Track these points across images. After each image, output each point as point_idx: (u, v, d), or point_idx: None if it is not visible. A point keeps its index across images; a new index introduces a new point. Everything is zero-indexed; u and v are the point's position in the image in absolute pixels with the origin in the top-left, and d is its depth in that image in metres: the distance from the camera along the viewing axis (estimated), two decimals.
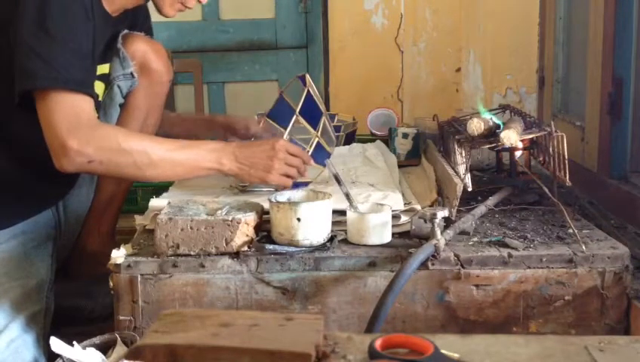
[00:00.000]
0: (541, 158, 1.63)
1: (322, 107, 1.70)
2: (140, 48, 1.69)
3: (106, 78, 1.67)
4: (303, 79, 1.73)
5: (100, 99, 1.66)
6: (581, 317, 1.36)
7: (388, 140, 2.14)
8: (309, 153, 1.62)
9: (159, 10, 1.67)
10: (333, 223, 1.42)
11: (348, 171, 1.84)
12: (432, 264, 1.33)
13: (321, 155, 1.64)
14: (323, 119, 1.64)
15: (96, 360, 1.21)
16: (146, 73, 1.70)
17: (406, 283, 1.26)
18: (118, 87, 1.68)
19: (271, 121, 1.86)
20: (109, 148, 1.45)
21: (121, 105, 1.72)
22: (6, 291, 1.52)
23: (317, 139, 1.60)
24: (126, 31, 1.69)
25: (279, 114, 1.82)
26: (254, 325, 0.98)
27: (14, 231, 1.60)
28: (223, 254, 1.37)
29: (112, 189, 1.77)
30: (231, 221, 1.36)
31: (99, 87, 1.63)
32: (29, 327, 1.51)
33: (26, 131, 1.53)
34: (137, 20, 1.76)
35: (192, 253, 1.36)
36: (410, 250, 1.35)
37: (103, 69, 1.64)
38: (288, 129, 1.62)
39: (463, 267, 1.35)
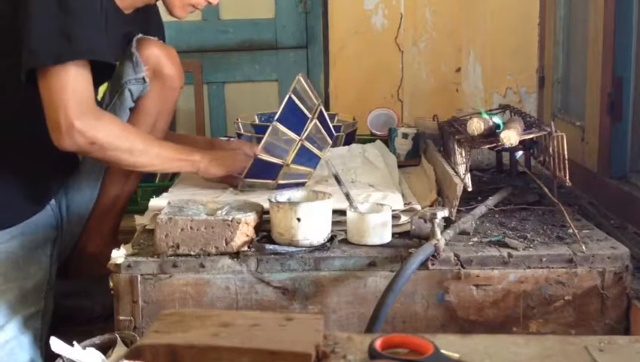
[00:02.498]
0: (541, 158, 1.63)
1: (318, 103, 1.66)
2: (154, 53, 1.69)
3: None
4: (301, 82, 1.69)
5: (99, 96, 1.67)
6: (581, 317, 1.36)
7: (388, 140, 2.14)
8: (291, 160, 1.60)
9: (170, 12, 1.69)
10: (333, 223, 1.42)
11: (348, 171, 1.84)
12: (432, 264, 1.33)
13: (309, 160, 1.63)
14: (310, 123, 1.61)
15: (96, 360, 1.21)
16: (158, 78, 1.70)
17: (406, 283, 1.26)
18: (129, 91, 1.68)
19: (280, 126, 1.78)
20: (108, 133, 1.51)
21: (131, 110, 1.73)
22: (3, 292, 1.52)
23: (301, 143, 1.59)
24: (140, 35, 1.69)
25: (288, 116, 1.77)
26: (254, 325, 0.98)
27: (13, 232, 1.60)
28: (223, 254, 1.37)
29: (116, 192, 1.77)
30: (231, 221, 1.36)
31: (102, 85, 1.64)
32: (26, 328, 1.51)
33: (22, 114, 1.56)
34: (150, 26, 1.77)
35: (192, 253, 1.36)
36: (410, 250, 1.35)
37: None
38: (262, 143, 1.61)
39: (463, 267, 1.35)
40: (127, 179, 1.77)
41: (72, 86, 1.46)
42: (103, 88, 1.69)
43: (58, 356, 1.22)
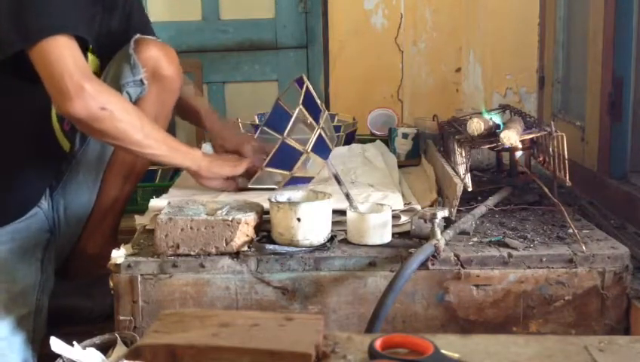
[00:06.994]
0: (541, 158, 1.63)
1: (322, 106, 1.69)
2: (153, 55, 1.66)
3: None
4: (299, 82, 1.71)
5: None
6: (581, 317, 1.36)
7: (388, 140, 2.14)
8: (309, 148, 1.60)
9: None
10: (333, 223, 1.42)
11: (347, 171, 1.84)
12: (432, 264, 1.33)
13: (322, 150, 1.63)
14: (325, 115, 1.64)
15: (96, 360, 1.21)
16: (157, 80, 1.67)
17: (406, 283, 1.26)
18: (127, 93, 1.66)
19: (268, 129, 1.83)
20: (118, 102, 1.50)
21: None
22: None
23: (320, 131, 1.59)
24: (138, 35, 1.67)
25: (277, 121, 1.80)
26: (254, 325, 0.98)
27: (2, 238, 1.60)
28: (223, 254, 1.37)
29: (115, 193, 1.76)
30: (231, 221, 1.36)
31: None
32: (17, 330, 1.51)
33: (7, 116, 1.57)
34: (116, 6, 1.73)
35: (192, 253, 1.36)
36: (410, 250, 1.35)
37: None
38: (288, 127, 1.61)
39: (463, 267, 1.35)
40: (127, 179, 1.77)
41: (70, 53, 1.45)
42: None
43: (58, 356, 1.22)
